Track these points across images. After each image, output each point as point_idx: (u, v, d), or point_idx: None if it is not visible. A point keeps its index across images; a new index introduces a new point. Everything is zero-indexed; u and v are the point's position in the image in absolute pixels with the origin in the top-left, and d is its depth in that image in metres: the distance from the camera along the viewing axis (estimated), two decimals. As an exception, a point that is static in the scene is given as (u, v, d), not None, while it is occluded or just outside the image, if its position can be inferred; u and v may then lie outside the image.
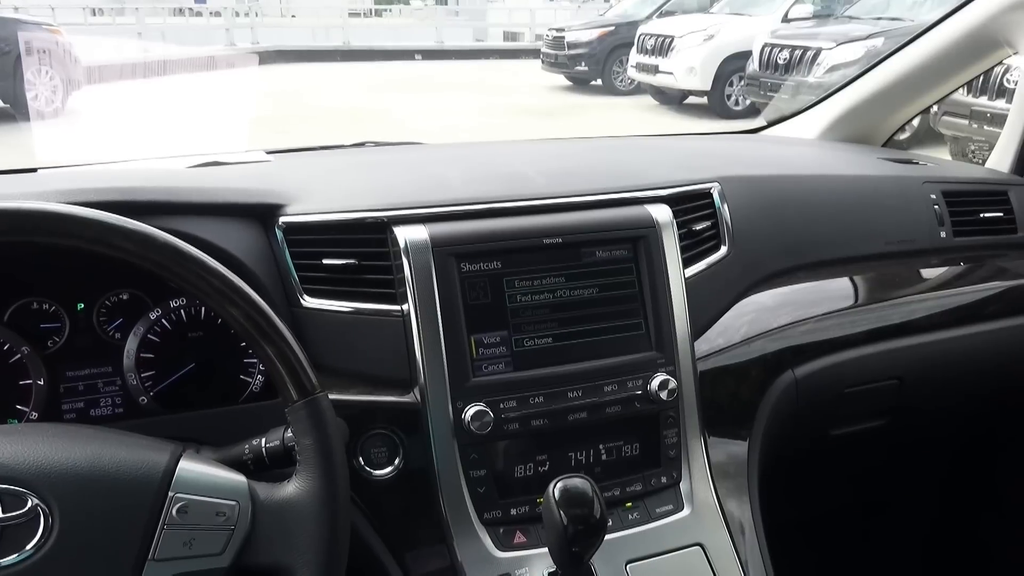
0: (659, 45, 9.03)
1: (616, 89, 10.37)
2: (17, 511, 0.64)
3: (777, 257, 1.24)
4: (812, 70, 6.76)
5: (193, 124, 6.61)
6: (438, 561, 0.97)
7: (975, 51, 1.58)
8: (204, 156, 1.39)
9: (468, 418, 0.97)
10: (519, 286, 1.03)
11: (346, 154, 1.54)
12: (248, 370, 1.04)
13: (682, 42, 8.81)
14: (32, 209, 0.70)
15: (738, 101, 8.52)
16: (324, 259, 1.01)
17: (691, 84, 8.79)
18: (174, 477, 0.69)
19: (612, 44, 10.35)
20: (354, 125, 6.66)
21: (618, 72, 10.33)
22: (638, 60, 9.43)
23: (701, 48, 8.67)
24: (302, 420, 0.73)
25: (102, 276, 1.00)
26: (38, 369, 0.97)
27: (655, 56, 9.05)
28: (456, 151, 1.55)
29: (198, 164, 1.34)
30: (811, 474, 1.49)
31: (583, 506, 0.84)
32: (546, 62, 11.00)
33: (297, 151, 1.58)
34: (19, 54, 7.15)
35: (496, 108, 8.40)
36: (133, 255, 0.72)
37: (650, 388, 1.04)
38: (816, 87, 6.34)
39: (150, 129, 6.43)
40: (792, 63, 7.06)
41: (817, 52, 6.86)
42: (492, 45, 15.72)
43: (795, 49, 7.14)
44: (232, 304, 0.73)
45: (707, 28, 8.91)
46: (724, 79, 8.55)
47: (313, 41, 13.88)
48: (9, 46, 7.17)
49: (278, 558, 0.70)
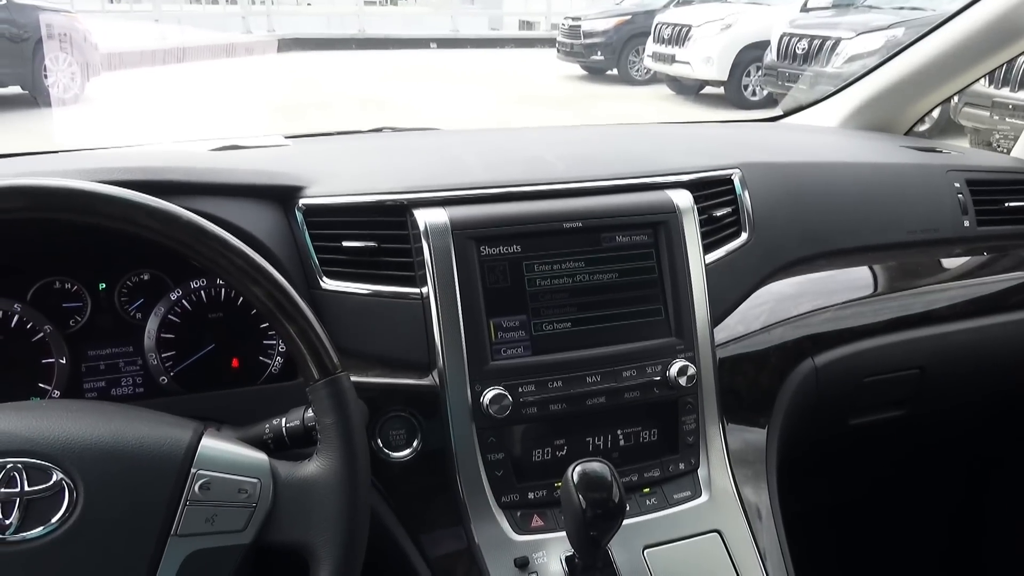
0: (676, 34, 8.95)
1: (632, 79, 10.30)
2: (42, 485, 0.65)
3: (798, 244, 1.23)
4: (831, 60, 6.68)
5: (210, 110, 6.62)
6: (455, 543, 0.97)
7: (998, 40, 1.56)
8: (224, 140, 1.40)
9: (486, 401, 0.97)
10: (538, 270, 1.02)
11: (364, 139, 1.54)
12: (267, 351, 1.04)
13: (699, 31, 8.73)
14: (57, 186, 0.70)
15: (755, 91, 8.43)
16: (344, 241, 1.01)
17: (708, 74, 8.71)
18: (196, 454, 0.69)
19: (628, 33, 10.27)
20: (368, 113, 6.66)
21: (634, 62, 10.26)
22: (654, 50, 9.36)
23: (719, 37, 8.59)
24: (323, 400, 0.73)
25: (124, 256, 1.00)
26: (60, 348, 0.98)
27: (672, 45, 8.98)
28: (474, 136, 1.55)
29: (218, 148, 1.34)
30: (830, 463, 1.48)
31: (602, 490, 0.84)
32: (561, 51, 10.93)
33: (315, 136, 1.58)
34: (38, 40, 7.19)
35: (511, 98, 8.37)
36: (157, 233, 0.72)
37: (669, 374, 1.04)
38: (835, 77, 6.27)
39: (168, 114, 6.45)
40: (811, 53, 6.97)
41: (836, 42, 6.78)
42: (507, 34, 15.65)
43: (814, 39, 7.06)
44: (254, 283, 0.74)
45: (725, 17, 8.82)
46: (741, 69, 8.47)
47: (328, 29, 13.87)
48: (28, 33, 7.22)
49: (299, 536, 0.70)
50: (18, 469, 0.64)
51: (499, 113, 7.40)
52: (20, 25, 7.24)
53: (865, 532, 1.74)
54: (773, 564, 1.02)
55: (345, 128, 1.64)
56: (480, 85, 9.44)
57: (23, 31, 7.20)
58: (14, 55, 7.11)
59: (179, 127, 6.04)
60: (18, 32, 7.19)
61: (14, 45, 7.16)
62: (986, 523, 1.74)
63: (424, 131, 1.64)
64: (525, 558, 0.95)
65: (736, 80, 8.51)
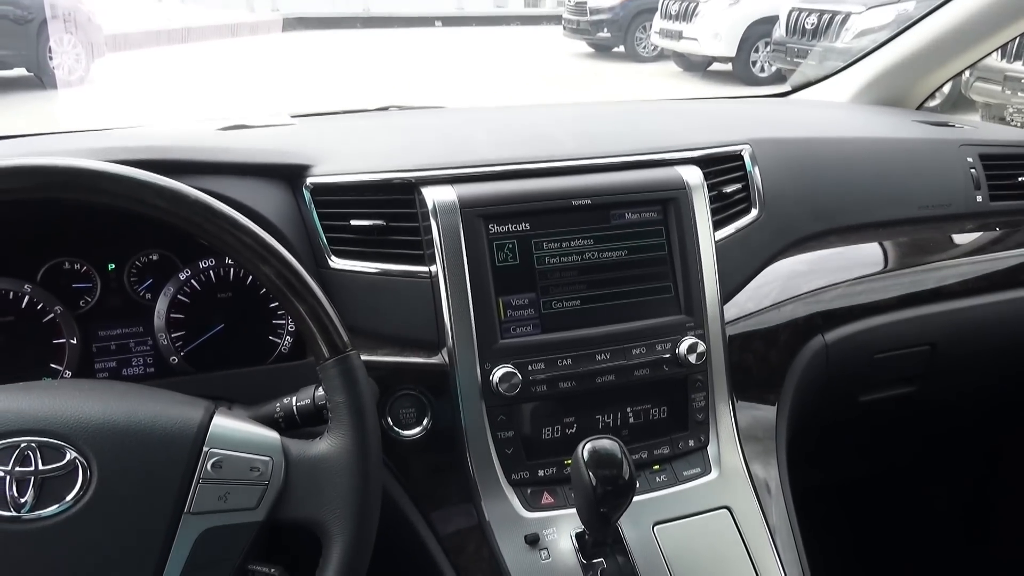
0: (683, 10, 8.85)
1: (639, 56, 10.20)
2: (56, 463, 0.65)
3: (808, 221, 1.22)
4: (840, 35, 6.60)
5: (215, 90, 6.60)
6: (465, 520, 0.98)
7: (1011, 13, 1.53)
8: (230, 120, 1.39)
9: (496, 380, 0.97)
10: (547, 248, 1.02)
11: (371, 117, 1.53)
12: (277, 331, 1.04)
13: (707, 7, 8.63)
14: (64, 165, 0.70)
15: (764, 67, 8.34)
16: (352, 220, 1.01)
17: (716, 50, 8.62)
18: (208, 432, 0.69)
19: (635, 10, 10.15)
20: (374, 91, 6.63)
21: (641, 38, 10.15)
22: (662, 26, 9.26)
23: (726, 13, 8.48)
24: (334, 378, 0.74)
25: (132, 236, 1.00)
26: (71, 328, 0.98)
27: (679, 21, 8.88)
28: (481, 114, 1.54)
29: (224, 127, 1.34)
30: (840, 439, 1.48)
31: (612, 467, 0.84)
32: (568, 28, 10.82)
33: (321, 115, 1.57)
34: (42, 22, 7.16)
35: (517, 75, 8.31)
36: (165, 212, 0.72)
37: (679, 352, 1.03)
38: (844, 52, 6.18)
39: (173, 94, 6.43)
40: (820, 28, 6.88)
41: (846, 16, 6.69)
42: (513, 11, 15.51)
43: (823, 13, 6.96)
44: (264, 261, 0.73)
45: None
46: (750, 45, 8.37)
47: (333, 8, 13.77)
48: (32, 14, 7.19)
49: (311, 513, 0.71)
50: (32, 448, 0.65)
51: (505, 91, 7.35)
52: (24, 6, 7.21)
53: (874, 509, 1.74)
54: (782, 540, 1.02)
55: (351, 107, 1.64)
56: (486, 63, 9.37)
57: (27, 12, 7.17)
58: (18, 36, 7.08)
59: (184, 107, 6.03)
60: (22, 14, 7.16)
61: (18, 27, 7.13)
62: (996, 502, 1.74)
63: (431, 109, 1.63)
64: (535, 535, 0.96)
65: (744, 56, 8.41)
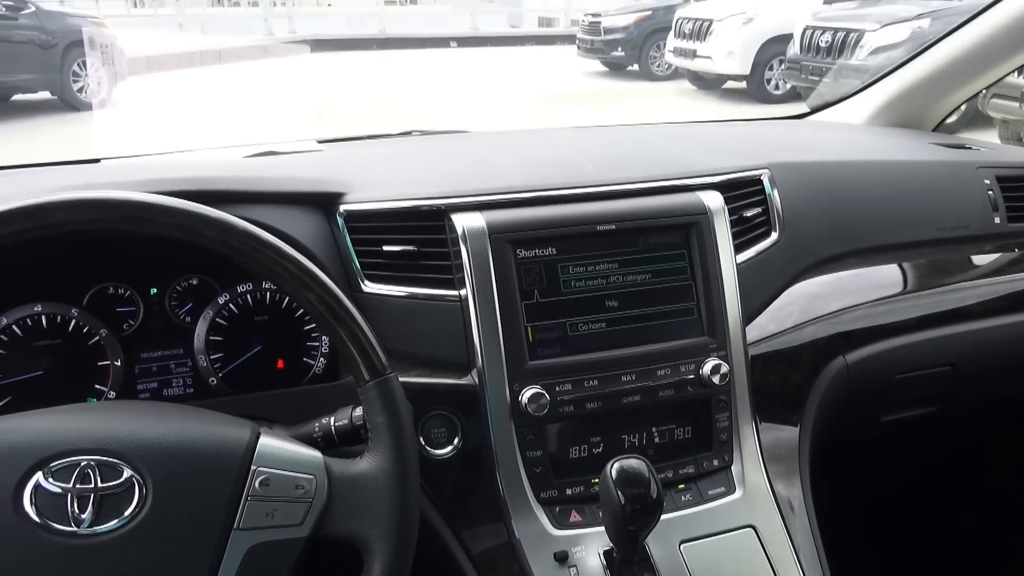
0: (697, 29, 8.91)
1: (653, 75, 10.27)
2: (114, 481, 0.68)
3: (827, 243, 1.25)
4: (855, 53, 6.62)
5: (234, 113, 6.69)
6: (496, 538, 1.00)
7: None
8: (258, 146, 1.43)
9: (525, 400, 0.99)
10: (573, 272, 1.05)
11: (396, 143, 1.57)
12: (311, 353, 1.07)
13: (720, 26, 8.69)
14: (119, 199, 0.74)
15: (778, 85, 8.38)
16: (384, 245, 1.04)
17: (730, 68, 8.66)
18: (256, 452, 0.72)
19: (649, 29, 10.24)
20: (392, 114, 6.70)
21: (655, 57, 10.23)
22: (675, 45, 9.32)
23: (740, 31, 8.54)
24: (374, 399, 0.76)
25: (173, 262, 1.04)
26: (115, 351, 1.02)
27: (693, 40, 8.94)
28: (503, 139, 1.57)
29: (254, 154, 1.38)
30: (863, 458, 1.49)
31: (640, 486, 0.86)
32: (582, 48, 10.92)
33: (347, 140, 1.61)
34: (66, 46, 7.33)
35: (532, 96, 8.38)
36: (213, 242, 0.75)
37: (702, 372, 1.06)
38: (859, 70, 6.20)
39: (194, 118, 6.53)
40: (835, 46, 6.91)
41: (861, 34, 6.71)
42: (527, 31, 15.66)
43: (838, 31, 6.99)
44: (307, 288, 0.77)
45: (746, 11, 8.76)
46: (764, 63, 8.41)
47: (349, 30, 13.98)
48: (56, 39, 7.35)
49: (354, 529, 0.73)
50: (92, 466, 0.68)
51: (521, 111, 7.42)
52: (49, 32, 7.39)
53: (899, 527, 1.74)
54: (807, 559, 1.03)
55: (374, 131, 1.68)
56: (501, 83, 9.45)
57: (52, 37, 7.35)
58: (43, 61, 7.26)
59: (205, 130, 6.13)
60: (47, 39, 7.34)
61: (43, 51, 7.31)
62: (1016, 520, 1.74)
63: (453, 134, 1.67)
64: (564, 552, 0.98)
65: (759, 74, 8.45)
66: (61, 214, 0.72)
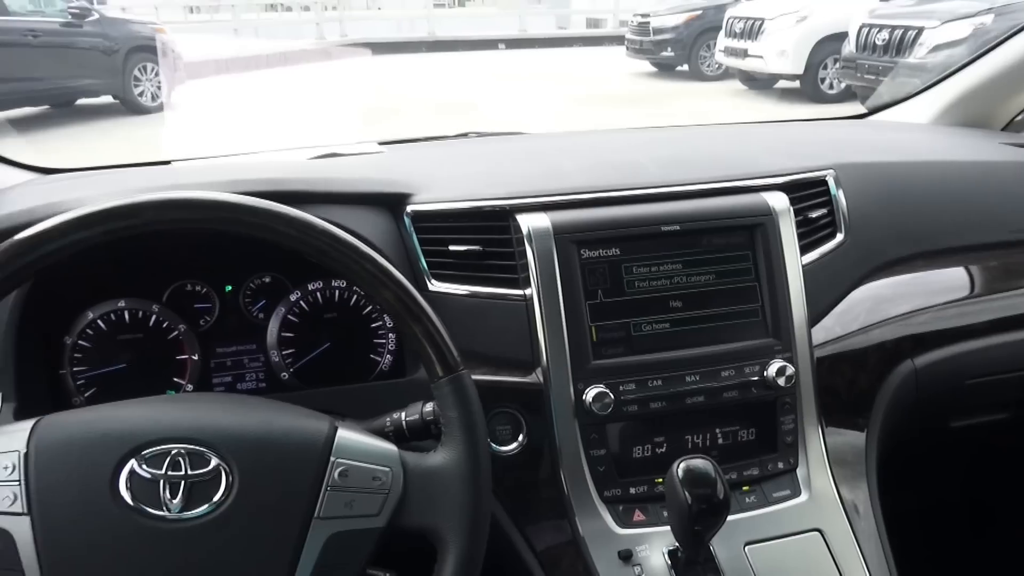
0: (748, 28, 8.78)
1: (703, 74, 10.15)
2: (202, 469, 0.71)
3: (894, 245, 1.23)
4: (914, 51, 6.45)
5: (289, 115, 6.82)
6: (560, 535, 1.01)
7: None
8: (320, 148, 1.47)
9: (589, 399, 1.00)
10: (637, 272, 1.05)
11: (454, 145, 1.59)
12: (377, 350, 1.10)
13: (773, 24, 8.54)
14: (208, 199, 0.77)
15: (832, 84, 8.20)
16: (450, 245, 1.06)
17: (782, 68, 8.51)
18: (335, 444, 0.75)
19: (699, 28, 10.12)
20: (443, 116, 6.76)
21: (705, 57, 10.11)
22: (726, 44, 9.20)
23: (793, 30, 8.38)
24: (447, 395, 0.78)
25: (247, 261, 1.08)
26: (193, 345, 1.06)
27: (744, 40, 8.81)
28: (561, 141, 1.58)
29: (318, 156, 1.41)
30: (932, 463, 1.46)
31: (707, 486, 0.86)
32: (631, 48, 10.85)
33: (406, 142, 1.64)
34: (128, 51, 7.57)
35: (580, 97, 8.37)
36: (294, 240, 0.78)
37: (767, 374, 1.05)
38: (918, 68, 6.04)
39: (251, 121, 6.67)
40: (892, 44, 6.74)
41: (919, 31, 6.53)
42: (575, 32, 15.64)
43: (895, 29, 6.82)
44: (384, 286, 0.79)
45: (800, 9, 8.60)
46: (818, 62, 8.25)
47: (398, 33, 14.15)
48: (118, 45, 7.61)
49: (428, 521, 0.75)
50: (182, 454, 0.71)
51: (571, 113, 7.41)
52: (111, 38, 7.65)
53: (970, 533, 1.70)
54: (875, 564, 1.02)
55: (431, 134, 1.71)
56: (550, 84, 9.46)
57: (114, 43, 7.60)
58: (106, 66, 7.51)
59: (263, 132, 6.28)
60: (110, 45, 7.59)
61: (106, 57, 7.56)
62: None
63: (509, 135, 1.68)
64: (629, 551, 0.98)
65: (812, 73, 8.29)
66: (152, 213, 0.76)
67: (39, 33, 7.33)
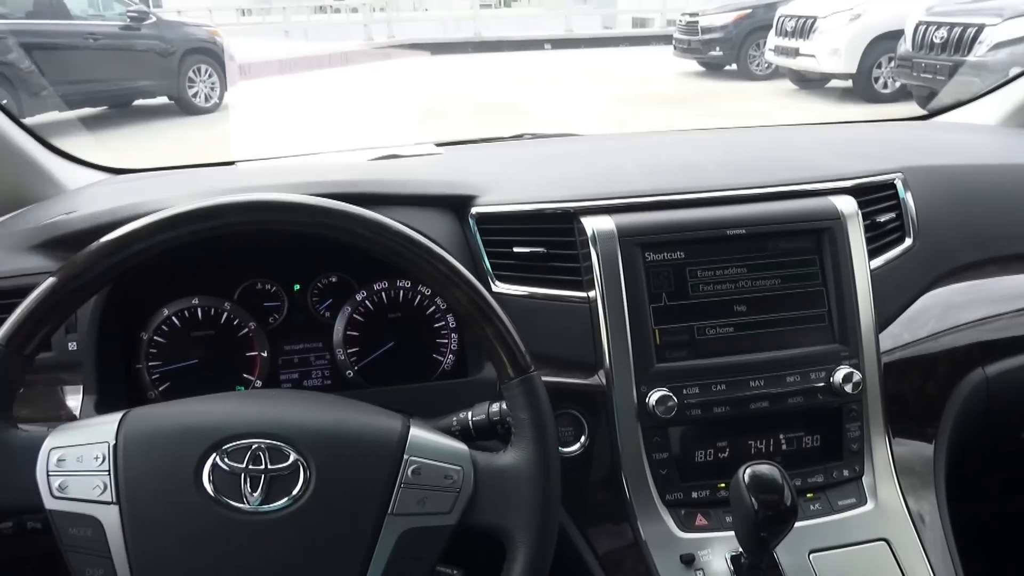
0: (800, 27, 8.63)
1: (752, 74, 10.01)
2: (282, 464, 0.73)
3: (965, 250, 1.20)
4: (973, 49, 6.26)
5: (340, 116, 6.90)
6: (621, 538, 1.01)
7: None
8: (381, 149, 1.49)
9: (652, 402, 1.00)
10: (702, 276, 1.05)
11: (511, 146, 1.60)
12: (440, 350, 1.11)
13: (825, 23, 8.38)
14: (287, 201, 0.79)
15: (887, 84, 8.02)
16: (514, 247, 1.07)
17: (835, 67, 8.34)
18: (408, 442, 0.76)
19: (749, 27, 9.98)
20: (491, 116, 6.78)
21: (754, 56, 9.96)
22: (777, 43, 9.05)
23: (847, 28, 8.21)
24: (518, 396, 0.79)
25: (315, 261, 1.10)
26: (263, 342, 1.09)
27: (795, 38, 8.66)
28: (618, 142, 1.58)
29: (378, 157, 1.43)
30: (1004, 474, 1.42)
31: (774, 492, 0.85)
32: (678, 48, 10.76)
33: (463, 143, 1.65)
34: (183, 53, 7.77)
35: (627, 97, 8.32)
36: (369, 241, 0.80)
37: (833, 380, 1.04)
38: (978, 67, 5.87)
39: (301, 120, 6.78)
40: (950, 42, 6.54)
41: (979, 29, 6.33)
42: (621, 32, 15.55)
43: (954, 26, 6.62)
44: (456, 287, 0.80)
45: (853, 7, 8.41)
46: (872, 61, 8.06)
47: (444, 33, 14.24)
48: (174, 47, 7.81)
49: (498, 520, 0.76)
50: (262, 449, 0.73)
51: (620, 113, 7.37)
52: (168, 40, 7.86)
53: None
54: None
55: (481, 135, 1.71)
56: (597, 84, 9.42)
57: (170, 46, 7.81)
58: (162, 68, 7.72)
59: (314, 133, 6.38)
60: (166, 47, 7.81)
61: (163, 59, 7.77)
62: None
63: (565, 137, 1.69)
64: (691, 555, 0.98)
65: (866, 72, 8.10)
66: (235, 215, 0.78)
67: (99, 36, 7.57)
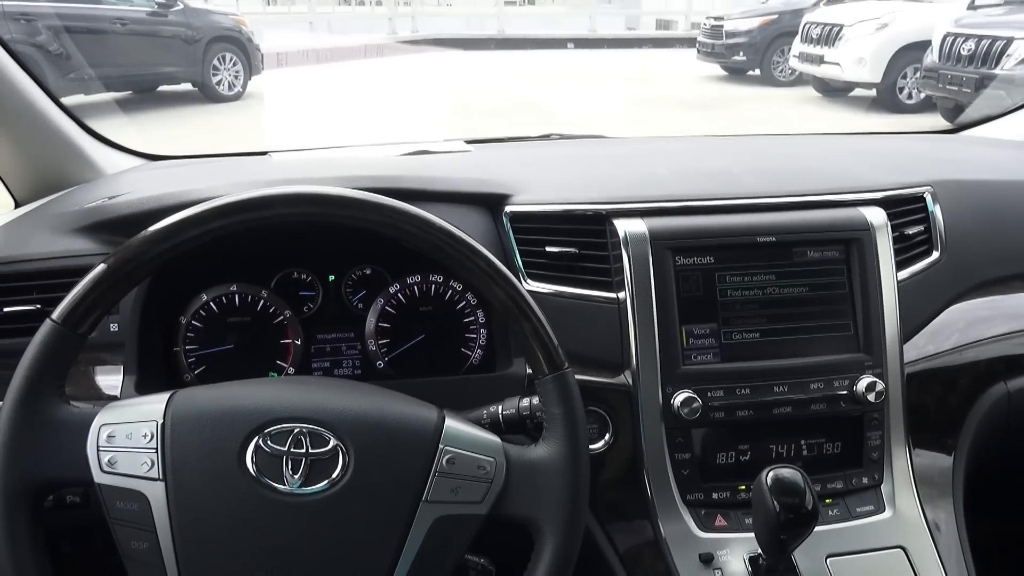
0: (826, 34, 8.58)
1: (775, 80, 9.97)
2: (322, 448, 0.75)
3: (992, 264, 1.21)
4: (1002, 62, 6.22)
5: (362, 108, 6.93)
6: (642, 536, 1.03)
7: None
8: (411, 144, 1.51)
9: (677, 403, 1.02)
10: (730, 281, 1.06)
11: (541, 146, 1.62)
12: (469, 344, 1.14)
13: (852, 31, 8.33)
14: (335, 195, 0.81)
15: (911, 95, 7.97)
16: (546, 247, 1.09)
17: (859, 76, 8.30)
18: (443, 432, 0.78)
19: (774, 33, 9.94)
20: (516, 116, 6.79)
21: (778, 62, 9.92)
22: (801, 50, 9.01)
23: (873, 37, 8.16)
24: (551, 392, 0.81)
25: (351, 253, 1.13)
26: (297, 331, 1.11)
27: (821, 46, 8.62)
28: (646, 145, 1.59)
29: (408, 152, 1.46)
30: (1018, 489, 1.43)
31: (795, 496, 0.87)
32: (702, 51, 10.72)
33: (492, 141, 1.67)
34: (209, 41, 7.82)
35: (649, 99, 8.31)
36: (413, 236, 0.82)
37: (856, 389, 1.05)
38: (1006, 81, 5.83)
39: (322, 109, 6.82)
40: (978, 54, 6.49)
41: (1008, 42, 6.29)
42: (645, 34, 15.51)
43: (982, 39, 6.57)
44: (495, 284, 0.82)
45: (881, 16, 8.37)
46: (897, 71, 8.01)
47: (468, 29, 14.25)
48: (200, 34, 7.87)
49: (528, 512, 0.78)
50: (304, 433, 0.76)
51: (643, 114, 7.37)
52: (194, 27, 7.92)
53: None
54: None
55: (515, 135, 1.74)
56: (619, 85, 9.42)
57: (196, 32, 7.87)
58: (187, 55, 7.78)
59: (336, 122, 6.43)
60: (192, 34, 7.86)
61: (188, 46, 7.83)
62: None
63: (592, 138, 1.70)
64: (710, 554, 1.00)
65: (890, 83, 8.06)
66: (284, 206, 0.80)
67: (127, 21, 7.62)
